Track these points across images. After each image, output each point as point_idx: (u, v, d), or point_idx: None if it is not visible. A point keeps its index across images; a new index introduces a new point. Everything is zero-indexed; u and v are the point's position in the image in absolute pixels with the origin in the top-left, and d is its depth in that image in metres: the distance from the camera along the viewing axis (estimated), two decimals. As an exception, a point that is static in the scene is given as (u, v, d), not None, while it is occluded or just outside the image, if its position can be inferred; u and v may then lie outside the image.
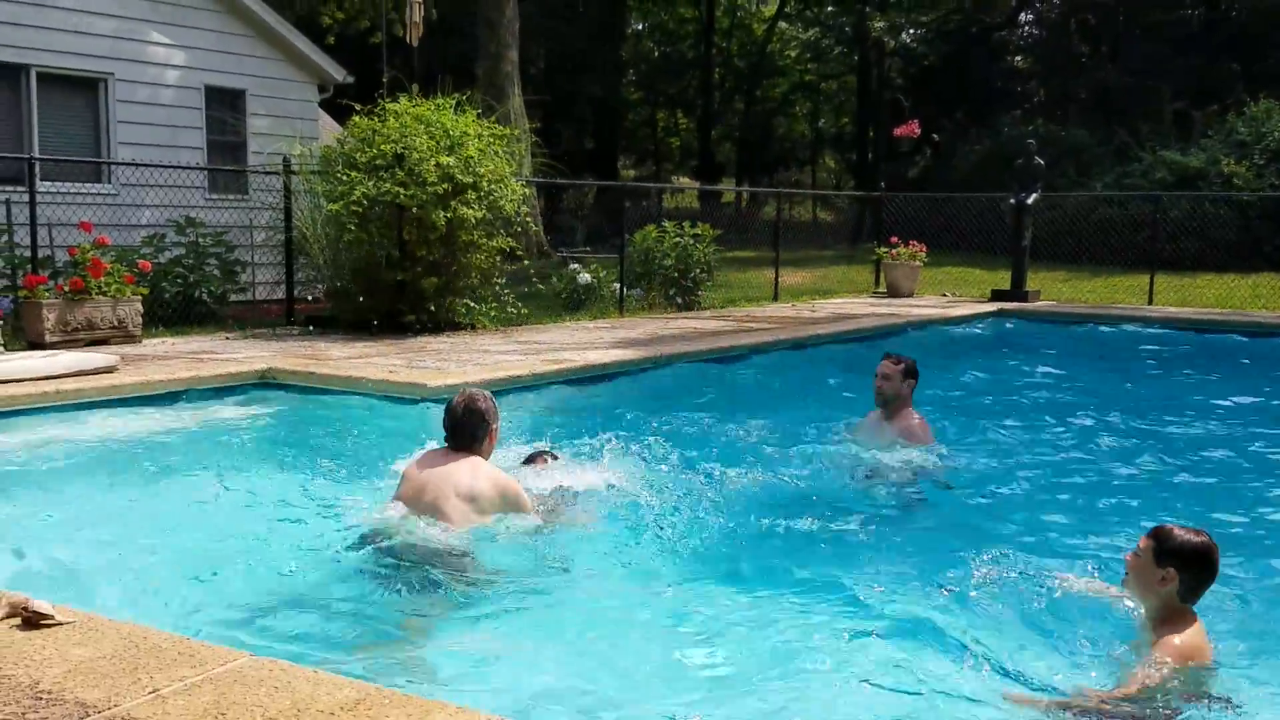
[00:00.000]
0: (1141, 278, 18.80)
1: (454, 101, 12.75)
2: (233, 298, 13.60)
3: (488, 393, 5.46)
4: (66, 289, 10.28)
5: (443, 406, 5.40)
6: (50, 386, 7.83)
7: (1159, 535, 3.94)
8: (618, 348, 11.03)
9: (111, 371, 8.43)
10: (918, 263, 19.44)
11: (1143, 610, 4.05)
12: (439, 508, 5.03)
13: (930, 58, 38.67)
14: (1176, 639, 3.82)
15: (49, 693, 2.73)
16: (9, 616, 3.20)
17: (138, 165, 13.35)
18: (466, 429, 5.28)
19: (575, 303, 15.48)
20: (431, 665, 3.91)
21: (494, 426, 5.36)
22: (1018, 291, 17.85)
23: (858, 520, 5.95)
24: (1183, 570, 3.86)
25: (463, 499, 5.06)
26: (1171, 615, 3.91)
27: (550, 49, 40.62)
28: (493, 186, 12.17)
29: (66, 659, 2.92)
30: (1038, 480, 7.06)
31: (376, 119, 12.39)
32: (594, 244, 24.74)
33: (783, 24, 45.33)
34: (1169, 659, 3.76)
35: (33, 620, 3.17)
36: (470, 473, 5.15)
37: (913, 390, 7.34)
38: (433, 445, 5.49)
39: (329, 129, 17.80)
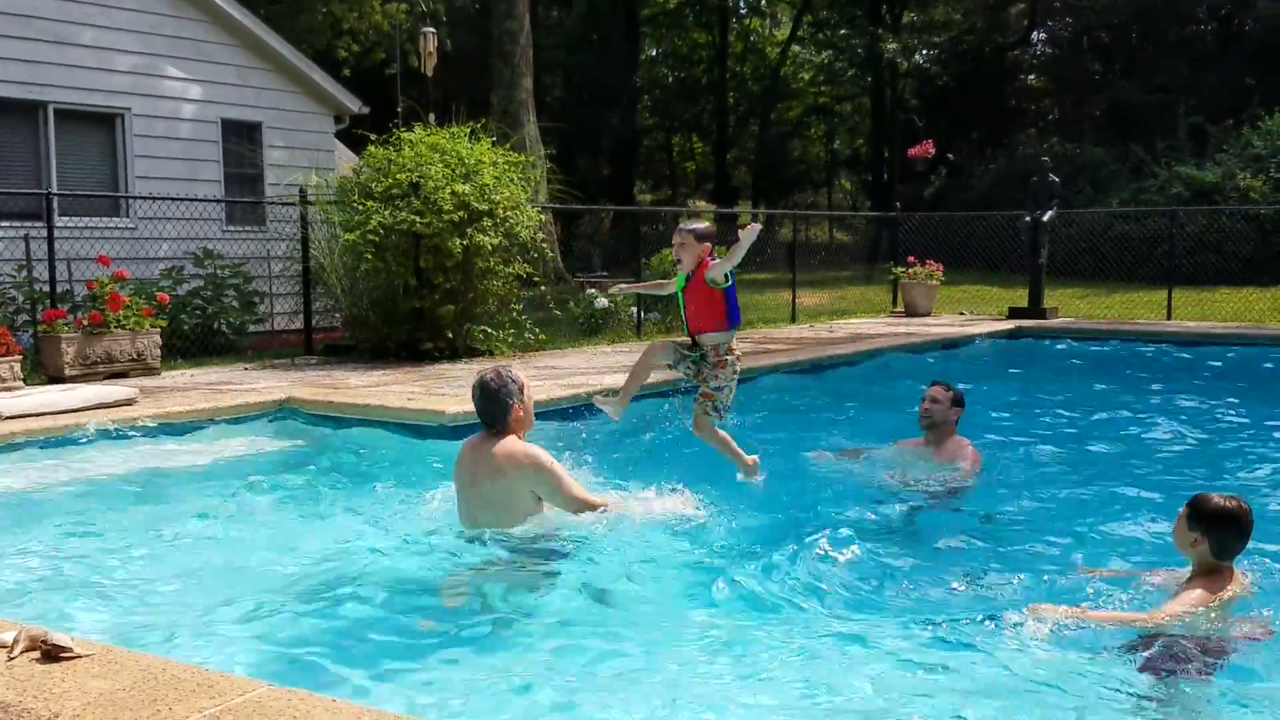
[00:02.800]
0: (1159, 293, 18.72)
1: (469, 130, 12.81)
2: (251, 328, 13.65)
3: (504, 368, 5.59)
4: (85, 323, 10.34)
5: (463, 432, 5.45)
6: (70, 420, 7.86)
7: (1192, 502, 4.47)
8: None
9: (131, 404, 8.47)
10: (935, 282, 19.41)
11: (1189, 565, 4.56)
12: (474, 495, 5.42)
13: (944, 78, 38.73)
14: (1199, 590, 4.34)
15: (68, 725, 2.73)
16: (28, 650, 3.20)
17: (155, 199, 13.44)
18: (485, 412, 5.49)
19: (593, 328, 15.49)
20: (451, 691, 3.88)
21: (514, 403, 5.43)
22: (1035, 309, 17.78)
23: (894, 540, 5.91)
24: (1209, 533, 4.37)
25: (491, 480, 5.34)
26: (1208, 570, 4.42)
27: (566, 77, 40.86)
28: (508, 213, 12.21)
29: (85, 692, 2.91)
30: (1061, 494, 7.01)
31: (392, 148, 12.46)
32: (611, 268, 24.79)
33: (796, 47, 45.49)
34: (1189, 602, 4.29)
35: (51, 653, 3.16)
36: (495, 454, 5.36)
37: (957, 418, 7.37)
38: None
39: (345, 159, 17.92)
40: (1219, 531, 4.37)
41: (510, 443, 5.41)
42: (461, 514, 5.55)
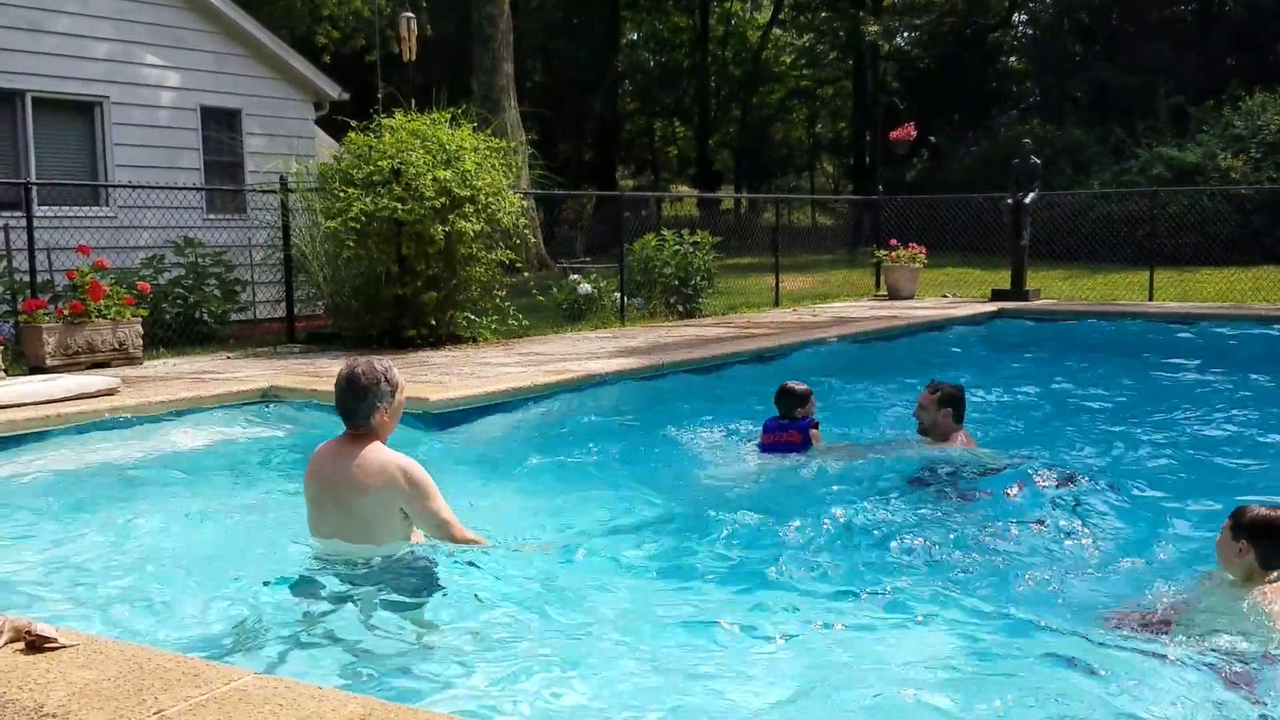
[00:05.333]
0: (1141, 274, 18.79)
1: (449, 115, 12.76)
2: (233, 317, 13.60)
3: (381, 361, 4.86)
4: (66, 312, 10.27)
5: (446, 420, 5.36)
6: (52, 410, 7.81)
7: (1235, 514, 4.50)
8: (619, 357, 11.01)
9: (113, 394, 8.42)
10: (917, 265, 19.43)
11: (1231, 579, 4.56)
12: (334, 510, 4.74)
13: (925, 60, 38.77)
14: (1269, 588, 4.38)
15: (53, 716, 2.72)
16: (12, 640, 3.19)
17: (135, 187, 13.34)
18: (347, 408, 4.77)
19: (576, 313, 15.48)
20: (437, 680, 3.88)
21: (381, 405, 4.74)
22: (1018, 291, 17.82)
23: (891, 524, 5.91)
24: (1255, 541, 4.40)
25: (356, 494, 4.66)
26: (1257, 580, 4.42)
27: (547, 62, 40.73)
28: (490, 199, 12.17)
29: (70, 682, 2.90)
30: (1046, 476, 7.03)
31: (372, 135, 12.40)
32: (594, 254, 24.76)
33: (777, 30, 45.45)
34: (1262, 599, 4.32)
35: (36, 644, 3.15)
36: (361, 463, 4.68)
37: (952, 417, 7.18)
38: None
39: (326, 146, 17.83)
40: (1264, 541, 4.40)
41: (378, 450, 4.73)
42: (315, 530, 4.89)
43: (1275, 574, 4.42)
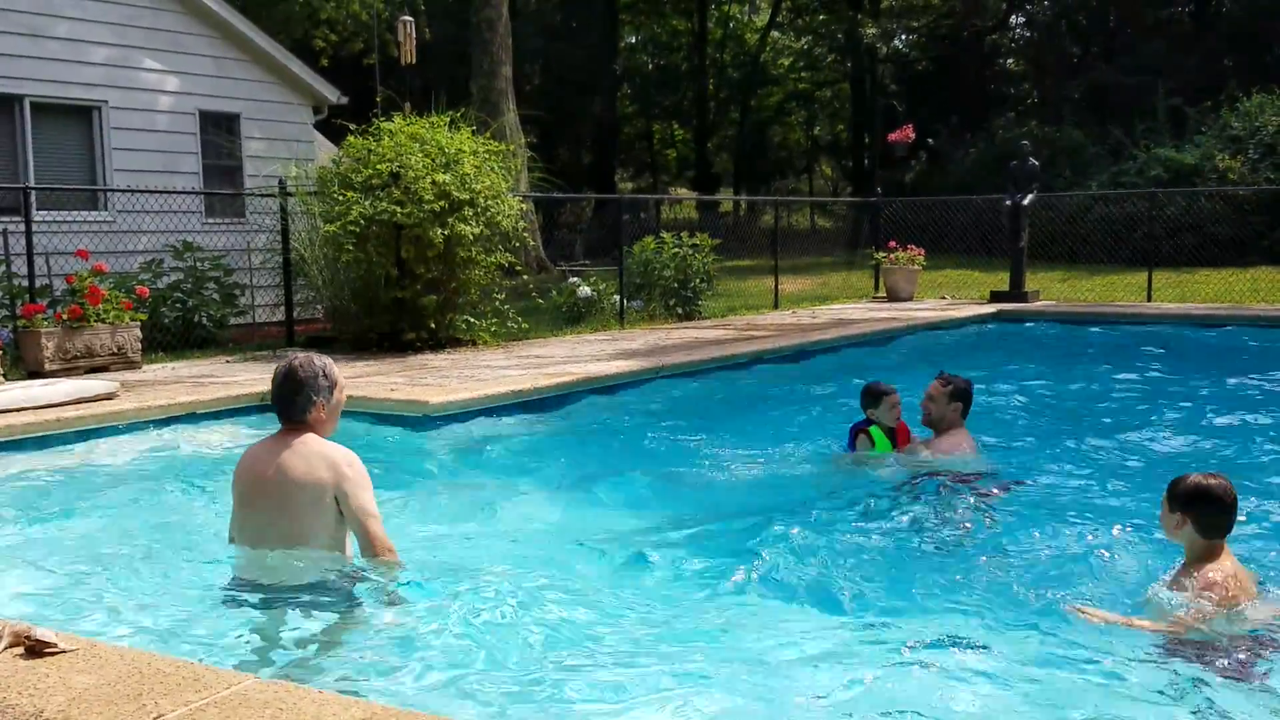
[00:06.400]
0: (1139, 275, 18.80)
1: (448, 119, 12.76)
2: (232, 321, 13.59)
3: (320, 358, 4.79)
4: (65, 317, 10.25)
5: (445, 423, 5.35)
6: (51, 415, 7.81)
7: (1170, 485, 4.44)
8: (619, 359, 11.01)
9: (111, 398, 8.41)
10: (916, 267, 19.45)
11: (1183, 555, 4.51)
12: (268, 503, 4.56)
13: (923, 63, 38.78)
14: (1209, 571, 4.28)
15: (53, 721, 2.71)
16: (12, 645, 3.18)
17: (134, 191, 13.32)
18: (283, 401, 4.67)
19: (576, 316, 15.48)
20: (437, 683, 3.88)
21: (318, 400, 4.65)
22: (1016, 292, 17.83)
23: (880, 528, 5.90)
24: (1189, 510, 4.32)
25: (297, 482, 4.50)
26: (1202, 553, 4.35)
27: (545, 65, 40.75)
28: (489, 202, 12.18)
29: (70, 687, 2.90)
30: (1047, 477, 7.03)
31: (371, 138, 12.40)
32: (593, 257, 24.77)
33: (775, 33, 45.45)
34: (1201, 586, 4.24)
35: (36, 649, 3.15)
36: (304, 451, 4.56)
37: (960, 413, 7.11)
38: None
39: (325, 150, 17.83)
40: (1199, 509, 4.30)
41: (320, 440, 4.64)
42: (241, 533, 4.73)
43: (1219, 544, 4.34)
